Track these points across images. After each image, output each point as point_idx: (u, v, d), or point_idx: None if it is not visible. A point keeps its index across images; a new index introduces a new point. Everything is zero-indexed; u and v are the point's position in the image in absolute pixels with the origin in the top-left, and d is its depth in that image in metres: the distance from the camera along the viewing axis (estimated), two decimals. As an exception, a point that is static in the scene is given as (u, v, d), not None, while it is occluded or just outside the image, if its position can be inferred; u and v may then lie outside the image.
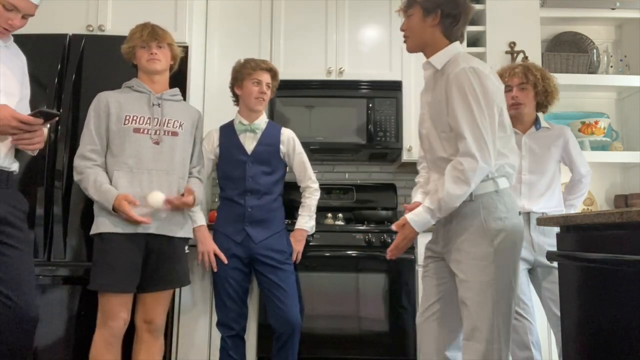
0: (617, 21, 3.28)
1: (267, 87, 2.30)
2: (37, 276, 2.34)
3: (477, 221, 1.58)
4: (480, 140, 1.53)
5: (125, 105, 2.03)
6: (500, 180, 1.62)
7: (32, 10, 1.77)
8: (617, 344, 1.25)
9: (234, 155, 2.29)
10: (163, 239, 2.00)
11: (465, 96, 1.55)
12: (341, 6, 3.05)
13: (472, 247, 1.58)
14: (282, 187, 2.36)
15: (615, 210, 1.19)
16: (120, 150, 1.99)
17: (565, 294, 1.52)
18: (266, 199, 2.26)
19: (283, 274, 2.24)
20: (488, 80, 1.57)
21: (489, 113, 1.55)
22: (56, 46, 2.52)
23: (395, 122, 2.89)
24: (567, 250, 1.50)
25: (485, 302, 1.54)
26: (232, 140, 2.32)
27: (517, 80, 2.17)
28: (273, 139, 2.33)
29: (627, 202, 3.04)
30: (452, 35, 1.67)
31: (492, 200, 1.59)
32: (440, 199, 1.56)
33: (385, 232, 2.56)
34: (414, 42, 1.71)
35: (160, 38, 2.07)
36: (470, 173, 1.52)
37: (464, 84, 1.55)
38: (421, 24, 1.66)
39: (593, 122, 3.04)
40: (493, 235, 1.56)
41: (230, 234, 2.24)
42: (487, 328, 1.53)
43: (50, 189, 2.41)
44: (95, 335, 1.95)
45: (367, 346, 2.49)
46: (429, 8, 1.63)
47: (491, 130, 1.55)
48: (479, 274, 1.55)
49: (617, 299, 1.25)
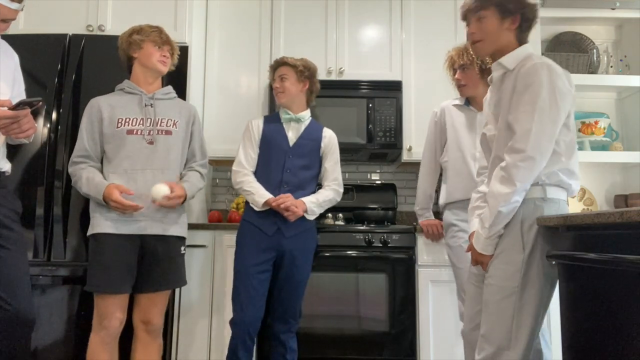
0: (617, 21, 3.28)
1: (281, 80, 2.30)
2: (37, 276, 2.35)
3: (514, 226, 1.51)
4: (529, 134, 1.42)
5: (117, 109, 2.04)
6: (550, 188, 1.51)
7: (12, 15, 1.77)
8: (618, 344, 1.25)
9: (277, 144, 2.27)
10: (158, 240, 2.00)
11: (532, 91, 1.45)
12: (341, 6, 3.05)
13: (503, 252, 1.52)
14: (315, 185, 2.33)
15: (615, 210, 1.19)
16: (115, 154, 2.00)
17: (565, 294, 1.52)
18: (299, 193, 2.23)
19: (300, 275, 2.22)
20: (559, 80, 1.47)
21: (552, 111, 1.44)
22: (56, 46, 2.52)
23: (395, 122, 2.89)
24: (567, 250, 1.50)
25: (506, 307, 1.48)
26: (276, 128, 2.31)
27: (458, 61, 2.17)
28: (315, 135, 2.32)
29: (627, 202, 3.04)
30: (523, 40, 1.60)
31: (535, 207, 1.50)
32: (487, 198, 1.49)
33: (385, 232, 2.56)
34: (490, 47, 1.59)
35: (174, 48, 2.16)
36: (513, 170, 1.43)
37: (534, 78, 1.45)
38: (498, 27, 1.55)
39: (593, 122, 3.04)
40: (526, 243, 1.49)
41: (262, 227, 2.20)
42: (501, 334, 1.48)
43: (50, 189, 2.41)
44: (91, 336, 1.96)
45: (367, 346, 2.49)
46: (510, 10, 1.54)
47: (550, 127, 1.44)
48: (505, 279, 1.49)
49: (617, 299, 1.25)
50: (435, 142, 2.35)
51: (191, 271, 2.56)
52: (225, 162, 3.04)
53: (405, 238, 2.55)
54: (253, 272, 2.14)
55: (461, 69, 2.18)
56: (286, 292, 2.21)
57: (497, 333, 1.48)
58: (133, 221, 1.97)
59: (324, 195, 2.28)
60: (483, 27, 1.57)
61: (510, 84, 1.54)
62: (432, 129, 2.36)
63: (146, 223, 1.98)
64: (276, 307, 2.23)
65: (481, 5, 1.55)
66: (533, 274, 1.48)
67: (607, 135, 3.08)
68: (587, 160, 3.02)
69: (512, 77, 1.54)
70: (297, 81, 2.30)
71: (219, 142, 2.93)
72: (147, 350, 2.04)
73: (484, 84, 2.13)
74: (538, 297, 1.49)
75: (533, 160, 1.43)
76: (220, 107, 3.00)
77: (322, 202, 2.27)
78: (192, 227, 2.59)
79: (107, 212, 1.96)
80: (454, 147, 2.25)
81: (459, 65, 2.17)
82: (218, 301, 2.54)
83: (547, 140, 1.44)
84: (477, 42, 1.60)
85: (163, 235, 2.02)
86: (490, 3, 1.54)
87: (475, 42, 1.61)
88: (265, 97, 2.98)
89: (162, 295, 2.05)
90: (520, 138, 1.44)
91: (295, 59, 2.32)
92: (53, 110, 2.46)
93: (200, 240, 2.58)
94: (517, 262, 1.48)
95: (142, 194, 1.96)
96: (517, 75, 1.50)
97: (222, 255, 2.57)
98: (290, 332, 2.25)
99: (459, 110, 2.27)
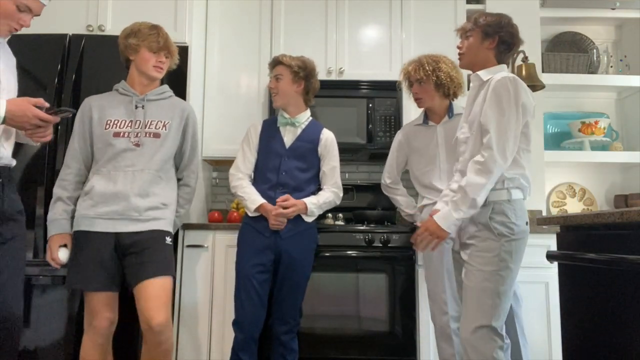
0: (617, 21, 3.28)
1: (276, 80, 2.29)
2: (37, 276, 2.36)
3: (485, 222, 1.73)
4: (502, 137, 1.69)
5: (107, 110, 2.04)
6: (514, 191, 1.75)
7: (40, 11, 1.81)
8: (618, 343, 1.25)
9: (273, 147, 2.28)
10: (134, 235, 1.95)
11: (500, 98, 1.72)
12: (341, 6, 3.05)
13: (480, 242, 1.74)
14: (314, 186, 2.33)
15: (615, 210, 1.19)
16: (101, 155, 2.00)
17: (565, 294, 1.52)
18: (296, 195, 2.23)
19: (298, 276, 2.21)
20: (523, 92, 1.74)
21: (516, 118, 1.71)
22: (56, 46, 2.52)
23: (395, 122, 2.89)
24: (567, 250, 1.50)
25: (486, 289, 1.68)
26: (273, 132, 2.32)
27: (414, 75, 2.28)
28: (312, 137, 2.32)
29: (627, 202, 3.04)
30: (502, 60, 1.88)
31: (503, 208, 1.73)
32: (463, 187, 1.71)
33: (385, 232, 2.56)
34: (468, 60, 1.90)
35: (172, 52, 2.11)
36: (491, 164, 1.68)
37: (502, 88, 1.73)
38: (478, 45, 1.86)
39: (593, 122, 3.04)
40: (500, 236, 1.71)
41: (259, 228, 2.21)
42: (482, 313, 1.68)
43: (50, 189, 2.39)
44: (84, 337, 1.95)
45: (367, 346, 2.49)
46: (488, 32, 1.85)
47: (514, 132, 1.71)
48: (484, 264, 1.71)
49: (617, 299, 1.25)
50: (396, 160, 2.47)
51: (191, 271, 2.56)
52: (225, 162, 3.04)
53: (405, 238, 2.55)
54: (252, 273, 2.15)
55: (418, 82, 2.29)
56: (285, 293, 2.21)
57: (478, 313, 1.69)
58: (109, 219, 1.94)
59: (324, 197, 2.29)
60: (467, 44, 1.90)
61: (483, 94, 1.81)
62: (395, 147, 2.48)
63: (121, 222, 1.95)
64: (276, 308, 2.23)
65: (471, 28, 1.89)
66: (505, 259, 1.70)
67: (607, 135, 3.08)
68: (587, 160, 3.02)
69: (485, 88, 1.80)
70: (292, 82, 2.28)
71: (219, 142, 2.93)
72: (150, 356, 1.94)
73: (439, 96, 2.28)
74: (510, 281, 1.71)
75: (505, 159, 1.70)
76: (220, 107, 3.00)
77: (322, 203, 2.28)
78: (192, 227, 2.60)
79: (85, 209, 1.96)
80: (417, 165, 2.37)
81: (415, 80, 2.28)
82: (218, 301, 2.54)
83: (513, 143, 1.72)
84: (460, 55, 1.93)
85: (139, 232, 1.96)
86: (477, 26, 1.87)
87: (459, 55, 1.93)
88: (265, 97, 2.98)
89: (154, 288, 1.90)
90: (494, 139, 1.70)
91: (292, 58, 2.30)
92: (53, 110, 2.46)
93: (200, 240, 2.58)
94: (493, 248, 1.71)
95: (119, 192, 1.94)
96: (489, 87, 1.77)
97: (222, 255, 2.57)
98: (290, 332, 2.25)
99: (418, 130, 2.38)
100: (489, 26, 1.84)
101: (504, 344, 1.69)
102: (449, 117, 2.31)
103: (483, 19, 1.87)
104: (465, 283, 1.76)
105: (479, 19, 1.87)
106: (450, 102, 2.32)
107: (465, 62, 1.92)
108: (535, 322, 2.48)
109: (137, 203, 1.96)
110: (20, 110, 1.62)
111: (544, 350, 2.47)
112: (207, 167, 3.17)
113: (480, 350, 1.67)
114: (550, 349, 2.48)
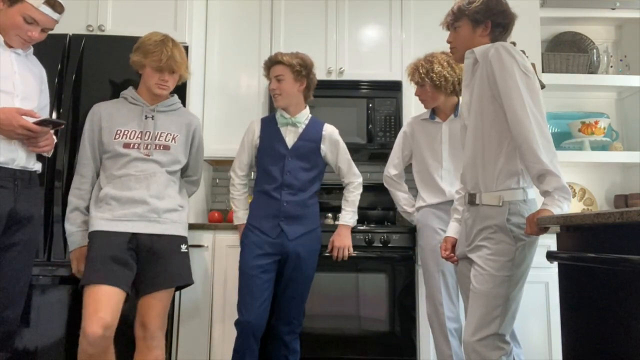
0: (617, 21, 3.28)
1: (277, 81, 2.25)
2: (37, 276, 2.36)
3: (501, 223, 1.61)
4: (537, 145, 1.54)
5: (117, 119, 2.02)
6: (530, 190, 1.66)
7: (51, 25, 1.84)
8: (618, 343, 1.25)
9: (275, 148, 2.26)
10: (152, 238, 1.96)
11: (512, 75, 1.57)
12: (341, 6, 3.05)
13: (494, 245, 1.61)
14: (318, 185, 2.33)
15: (615, 210, 1.19)
16: (111, 164, 2.00)
17: (565, 294, 1.52)
18: (301, 195, 2.24)
19: (303, 277, 2.22)
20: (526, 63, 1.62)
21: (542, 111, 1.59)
22: (56, 46, 2.52)
23: (395, 122, 2.89)
24: (567, 251, 1.50)
25: (498, 295, 1.58)
26: (273, 132, 2.29)
27: (412, 79, 2.31)
28: (314, 135, 2.31)
29: (627, 202, 3.04)
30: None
31: (519, 208, 1.62)
32: (559, 197, 1.51)
33: (385, 232, 2.56)
34: (462, 53, 1.73)
35: (177, 69, 2.04)
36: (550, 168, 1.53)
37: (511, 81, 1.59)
38: (470, 35, 1.71)
39: (593, 122, 3.04)
40: (516, 240, 1.59)
41: (265, 229, 2.20)
42: (490, 320, 1.58)
43: (50, 188, 2.41)
44: (79, 344, 1.83)
45: (367, 346, 2.49)
46: (478, 19, 1.69)
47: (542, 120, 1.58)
48: (497, 269, 1.59)
49: (618, 299, 1.25)
50: (401, 152, 2.47)
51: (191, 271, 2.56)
52: (225, 162, 3.04)
53: (405, 238, 2.55)
54: (256, 274, 2.14)
55: (417, 85, 2.31)
56: (289, 294, 2.21)
57: (487, 320, 1.58)
58: (127, 221, 1.94)
59: (352, 202, 2.39)
60: (458, 36, 1.74)
61: (479, 75, 1.66)
62: (400, 141, 2.47)
63: (140, 223, 1.95)
64: (280, 309, 2.24)
65: (455, 18, 1.73)
66: (519, 263, 1.60)
67: (607, 135, 3.08)
68: (587, 160, 3.02)
69: (483, 64, 1.65)
70: (295, 81, 2.25)
71: (219, 142, 2.93)
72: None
73: (443, 95, 2.28)
74: (521, 285, 1.63)
75: (549, 146, 1.55)
76: (220, 107, 3.00)
77: (356, 207, 2.40)
78: (192, 227, 2.59)
79: (101, 212, 1.95)
80: (420, 159, 2.38)
81: (415, 83, 2.31)
82: (218, 301, 2.53)
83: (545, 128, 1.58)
84: (452, 49, 1.79)
85: (159, 235, 1.97)
86: (462, 15, 1.71)
87: (451, 49, 1.79)
88: (265, 97, 2.98)
89: (160, 298, 1.94)
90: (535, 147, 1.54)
91: (291, 57, 2.25)
92: (53, 111, 2.46)
93: (200, 240, 2.58)
94: (508, 252, 1.59)
95: (135, 196, 1.95)
96: (485, 61, 1.63)
97: (222, 255, 2.57)
98: (293, 333, 2.25)
99: (424, 125, 2.38)
100: (477, 12, 1.68)
101: (509, 350, 1.60)
102: (454, 115, 2.31)
103: (467, 4, 1.68)
104: (474, 285, 1.63)
105: (463, 7, 1.70)
106: (458, 99, 2.32)
107: (460, 56, 1.76)
108: (535, 322, 2.48)
109: (156, 204, 1.97)
110: (6, 119, 1.65)
111: (543, 351, 2.47)
112: (207, 167, 3.16)
113: (485, 357, 1.57)
114: (550, 349, 2.47)
